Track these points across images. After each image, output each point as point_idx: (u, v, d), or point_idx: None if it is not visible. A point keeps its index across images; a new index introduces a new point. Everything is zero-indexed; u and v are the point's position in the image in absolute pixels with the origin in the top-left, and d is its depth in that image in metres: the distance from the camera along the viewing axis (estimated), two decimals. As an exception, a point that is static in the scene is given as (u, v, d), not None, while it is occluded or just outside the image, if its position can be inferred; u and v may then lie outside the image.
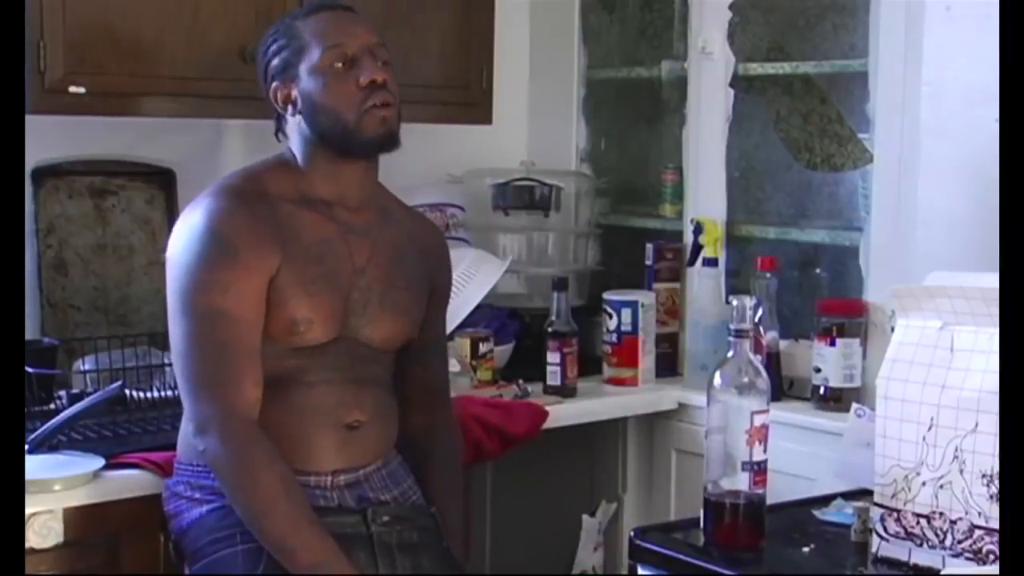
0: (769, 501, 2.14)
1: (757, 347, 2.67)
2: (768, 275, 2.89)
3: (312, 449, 2.18)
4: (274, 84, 2.22)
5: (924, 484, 2.01)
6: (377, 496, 2.22)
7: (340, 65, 2.18)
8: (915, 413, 2.03)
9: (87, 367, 2.62)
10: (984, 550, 1.95)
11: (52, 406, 2.53)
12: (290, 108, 2.21)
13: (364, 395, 2.22)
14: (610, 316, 3.03)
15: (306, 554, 2.05)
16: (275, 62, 2.22)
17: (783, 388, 2.88)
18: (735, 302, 2.13)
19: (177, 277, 2.13)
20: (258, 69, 2.27)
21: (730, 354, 2.12)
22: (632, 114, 3.51)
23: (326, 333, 2.17)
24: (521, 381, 2.92)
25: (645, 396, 3.04)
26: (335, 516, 2.16)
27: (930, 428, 2.01)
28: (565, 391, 2.93)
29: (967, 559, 1.97)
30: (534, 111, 3.55)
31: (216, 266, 2.10)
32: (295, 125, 2.22)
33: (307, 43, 2.19)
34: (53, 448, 2.33)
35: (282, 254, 2.14)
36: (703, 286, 3.06)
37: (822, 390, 2.79)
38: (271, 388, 2.14)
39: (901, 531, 2.05)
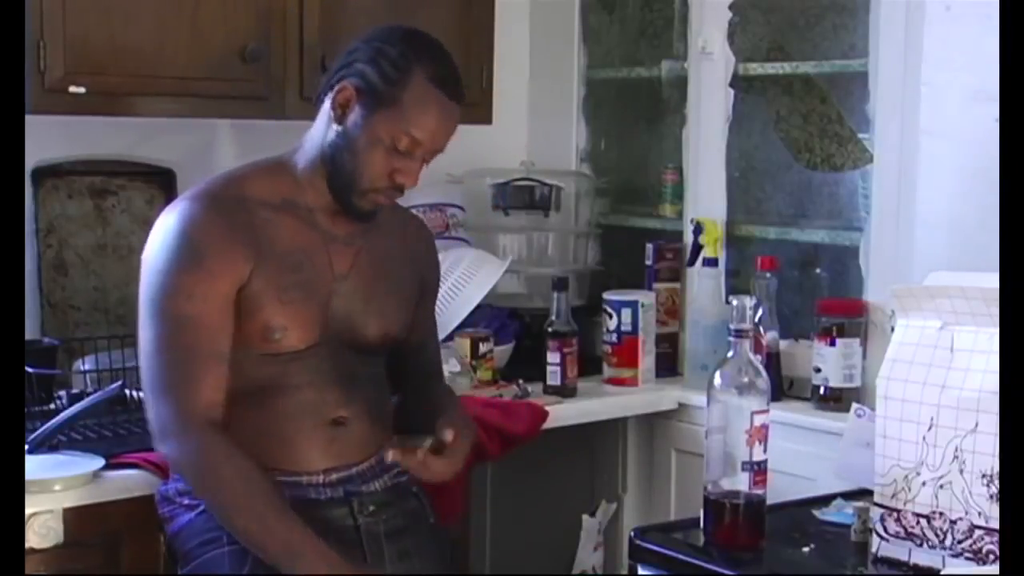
0: (769, 501, 2.14)
1: (757, 347, 2.67)
2: (768, 275, 2.89)
3: (299, 449, 2.17)
4: (348, 81, 2.14)
5: (924, 484, 2.01)
6: (366, 487, 2.22)
7: (399, 149, 2.14)
8: (915, 413, 2.03)
9: (87, 367, 2.62)
10: (984, 550, 1.95)
11: (52, 406, 2.53)
12: (339, 110, 2.15)
13: (350, 392, 2.21)
14: (610, 316, 3.03)
15: (276, 545, 2.05)
16: (368, 72, 2.13)
17: (783, 388, 2.88)
18: (735, 302, 2.13)
19: (147, 281, 2.13)
20: (354, 48, 2.17)
21: (730, 354, 2.12)
22: (632, 114, 3.51)
23: (303, 340, 2.17)
24: (521, 381, 2.92)
25: (645, 396, 3.04)
26: (322, 511, 2.15)
27: (930, 428, 2.01)
28: (565, 391, 2.93)
29: (967, 559, 1.97)
30: (534, 111, 3.55)
31: (182, 271, 2.10)
32: (327, 120, 2.18)
33: (402, 103, 2.12)
34: (53, 448, 2.33)
35: (254, 261, 2.13)
36: (703, 286, 3.06)
37: (822, 390, 2.79)
38: (254, 395, 2.15)
39: (901, 531, 2.05)
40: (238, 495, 2.06)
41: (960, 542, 1.98)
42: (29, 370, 2.47)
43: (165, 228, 2.14)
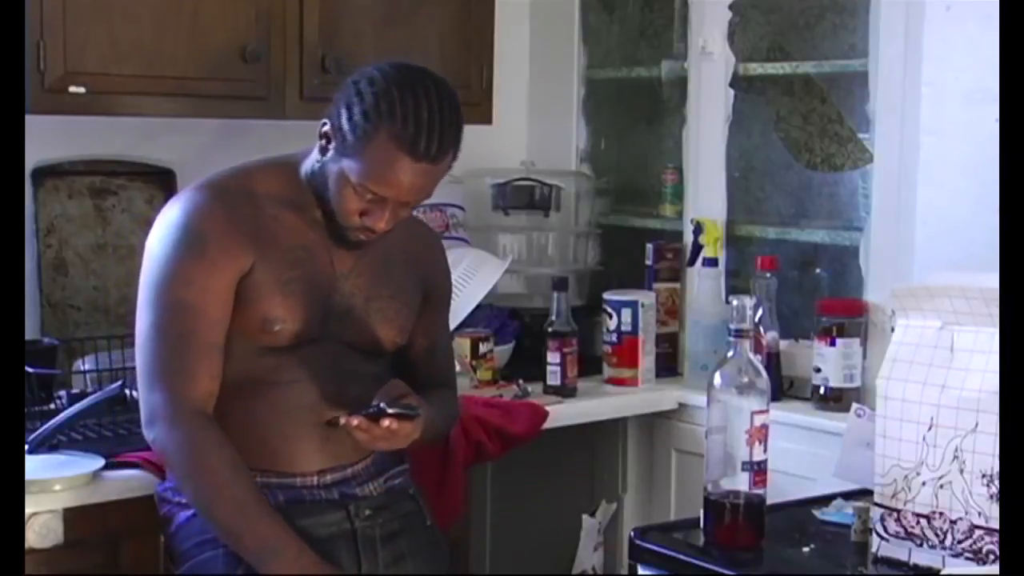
0: (769, 501, 2.14)
1: (757, 347, 2.67)
2: (768, 275, 2.89)
3: (293, 449, 2.16)
4: (328, 118, 2.10)
5: (924, 484, 2.01)
6: (361, 490, 2.21)
7: (366, 196, 2.09)
8: (915, 413, 2.03)
9: (87, 367, 2.62)
10: (984, 550, 1.95)
11: (52, 406, 2.53)
12: (322, 142, 2.12)
13: (347, 392, 2.19)
14: (610, 316, 3.03)
15: (251, 539, 2.04)
16: (342, 116, 2.07)
17: (783, 388, 2.88)
18: (735, 302, 2.13)
19: (148, 268, 2.13)
20: (351, 80, 2.11)
21: (730, 354, 2.12)
22: (632, 114, 3.52)
23: (302, 333, 2.15)
24: (521, 381, 2.92)
25: (645, 396, 3.05)
26: (318, 515, 2.15)
27: (930, 428, 2.01)
28: (565, 391, 2.93)
29: (967, 559, 1.97)
30: (534, 111, 3.56)
31: (184, 259, 2.09)
32: (318, 151, 2.15)
33: (364, 158, 2.06)
34: (53, 448, 2.33)
35: (256, 254, 2.12)
36: (703, 286, 3.06)
37: (822, 390, 2.80)
38: (249, 388, 2.14)
39: (901, 531, 2.05)
40: (221, 485, 2.05)
41: (960, 542, 1.98)
42: (29, 370, 2.47)
43: (169, 216, 2.14)
